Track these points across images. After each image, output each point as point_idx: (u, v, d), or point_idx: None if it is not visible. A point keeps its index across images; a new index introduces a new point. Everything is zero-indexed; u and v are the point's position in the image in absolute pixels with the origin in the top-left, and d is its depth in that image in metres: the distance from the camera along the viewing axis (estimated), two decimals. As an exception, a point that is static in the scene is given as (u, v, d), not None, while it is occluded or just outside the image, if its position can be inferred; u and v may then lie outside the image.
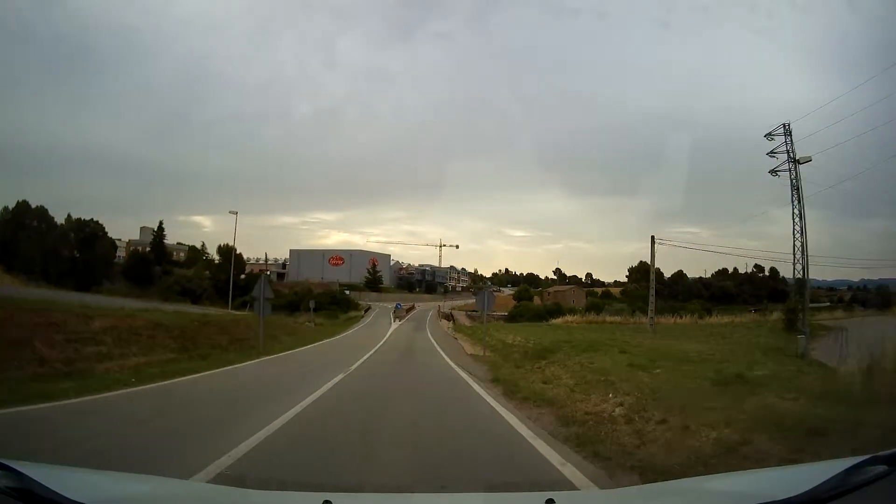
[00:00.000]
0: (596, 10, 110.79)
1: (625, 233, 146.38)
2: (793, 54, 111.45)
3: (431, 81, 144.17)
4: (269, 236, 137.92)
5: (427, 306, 79.88)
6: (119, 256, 61.82)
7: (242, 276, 56.12)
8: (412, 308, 72.26)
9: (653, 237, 27.49)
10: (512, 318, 49.68)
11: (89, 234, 51.07)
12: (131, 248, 69.18)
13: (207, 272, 59.33)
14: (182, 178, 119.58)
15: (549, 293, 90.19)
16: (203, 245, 74.95)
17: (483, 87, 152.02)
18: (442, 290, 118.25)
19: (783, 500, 1.51)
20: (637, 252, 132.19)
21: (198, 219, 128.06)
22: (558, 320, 36.95)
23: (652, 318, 27.41)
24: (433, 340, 28.40)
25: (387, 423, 6.73)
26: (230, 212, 46.48)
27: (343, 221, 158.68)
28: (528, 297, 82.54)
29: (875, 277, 68.17)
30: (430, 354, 19.92)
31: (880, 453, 1.52)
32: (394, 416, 7.31)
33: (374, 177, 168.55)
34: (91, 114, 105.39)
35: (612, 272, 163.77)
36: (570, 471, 4.39)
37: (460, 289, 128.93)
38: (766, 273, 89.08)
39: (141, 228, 77.00)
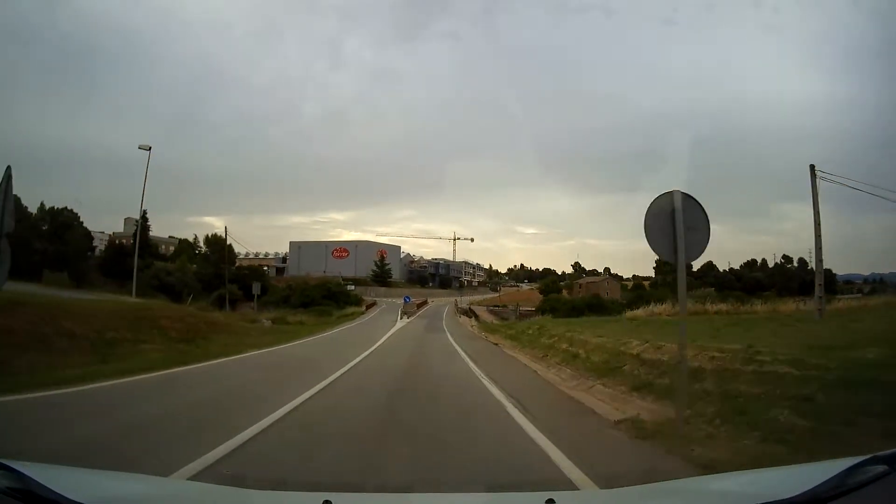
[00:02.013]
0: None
1: (637, 230, 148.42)
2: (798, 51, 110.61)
3: (439, 81, 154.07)
4: (278, 235, 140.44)
5: (441, 301, 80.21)
6: (100, 249, 62.76)
7: (234, 269, 57.03)
8: (424, 303, 72.01)
9: (812, 166, 22.18)
10: (544, 312, 50.08)
11: (62, 224, 51.89)
12: (114, 241, 69.89)
13: (194, 265, 59.90)
14: (189, 179, 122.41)
15: (581, 285, 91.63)
16: (195, 238, 75.28)
17: (490, 86, 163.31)
18: (457, 284, 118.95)
19: (783, 500, 1.66)
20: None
21: (209, 219, 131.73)
22: (638, 312, 30.23)
23: (821, 297, 21.56)
24: (462, 353, 18.51)
25: None
26: (140, 147, 33.69)
27: (354, 221, 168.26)
28: (557, 290, 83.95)
29: (885, 271, 72.81)
30: (482, 420, 7.33)
31: (880, 453, 1.66)
32: None
33: (385, 176, 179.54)
34: (97, 114, 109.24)
35: (627, 268, 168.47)
36: None
37: (476, 284, 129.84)
38: (795, 265, 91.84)
39: (125, 220, 75.75)
